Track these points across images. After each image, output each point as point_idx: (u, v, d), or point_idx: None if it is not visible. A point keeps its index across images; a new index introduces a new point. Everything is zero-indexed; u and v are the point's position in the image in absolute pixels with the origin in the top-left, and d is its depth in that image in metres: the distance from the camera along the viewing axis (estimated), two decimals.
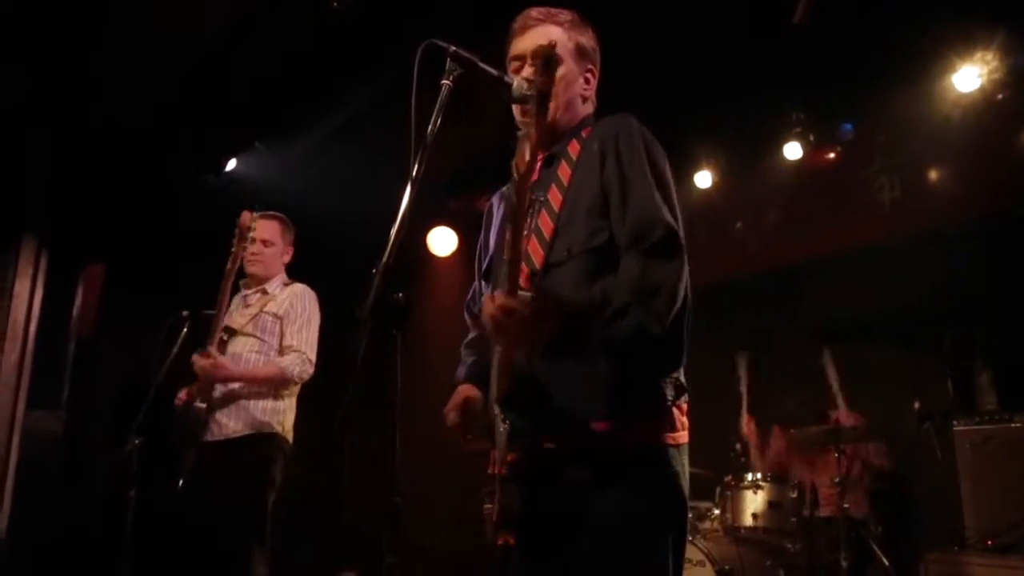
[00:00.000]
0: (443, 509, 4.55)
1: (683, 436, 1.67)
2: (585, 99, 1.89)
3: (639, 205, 1.64)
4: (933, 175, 4.69)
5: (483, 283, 1.95)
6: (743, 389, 4.95)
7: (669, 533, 1.60)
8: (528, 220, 1.73)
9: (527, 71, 1.79)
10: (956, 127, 4.41)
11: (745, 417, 4.83)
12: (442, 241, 6.13)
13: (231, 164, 5.15)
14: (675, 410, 1.66)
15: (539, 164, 1.80)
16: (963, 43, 4.22)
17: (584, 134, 1.82)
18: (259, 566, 3.21)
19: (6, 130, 4.51)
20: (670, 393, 1.64)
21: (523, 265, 1.61)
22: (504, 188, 1.98)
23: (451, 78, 1.66)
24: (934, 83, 4.40)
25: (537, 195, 1.74)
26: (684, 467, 1.65)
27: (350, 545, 4.54)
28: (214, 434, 3.38)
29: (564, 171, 1.76)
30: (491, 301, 1.46)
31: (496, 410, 1.65)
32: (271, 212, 3.71)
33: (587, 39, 1.89)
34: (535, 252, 1.69)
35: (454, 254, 6.20)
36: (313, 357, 3.54)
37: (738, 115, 4.75)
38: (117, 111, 4.64)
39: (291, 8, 4.03)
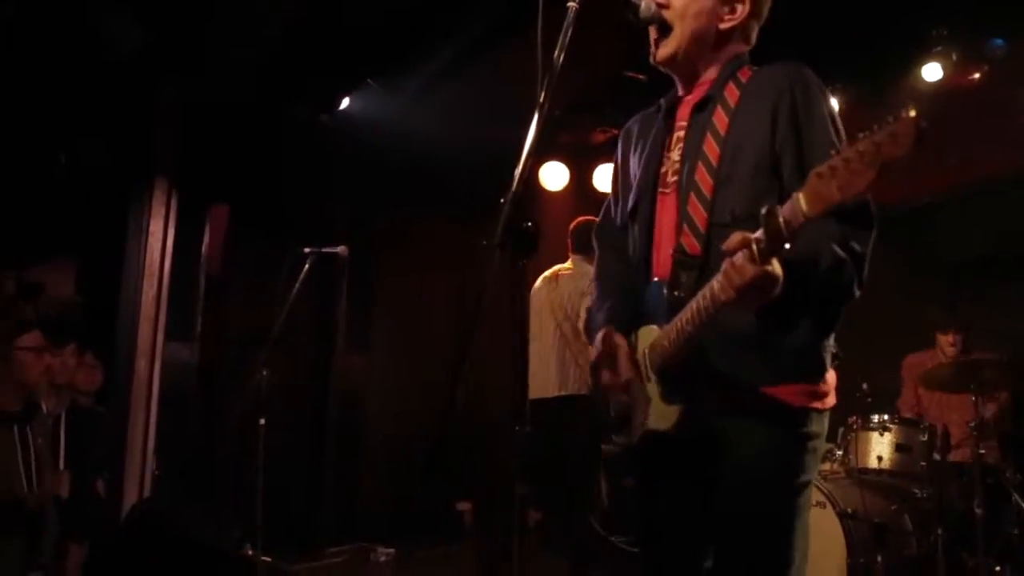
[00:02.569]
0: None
1: (831, 399, 1.64)
2: (729, 31, 1.74)
3: None
4: None
5: (626, 216, 1.83)
6: None
7: (807, 492, 1.60)
8: (680, 169, 1.66)
9: None
10: None
11: None
12: (554, 175, 6.07)
13: (344, 103, 5.22)
14: (828, 376, 1.62)
15: (690, 107, 1.73)
16: None
17: (742, 77, 1.69)
18: None
19: (136, 81, 4.72)
20: (828, 360, 1.61)
21: (683, 226, 1.59)
22: (646, 112, 1.89)
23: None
24: None
25: (689, 143, 1.67)
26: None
27: (471, 477, 4.66)
28: None
29: (720, 118, 1.64)
30: (735, 272, 1.34)
31: (651, 376, 1.63)
32: None
33: None
34: (695, 211, 1.60)
35: (565, 189, 6.13)
36: None
37: (870, 33, 4.38)
38: (236, 56, 4.76)
39: None
